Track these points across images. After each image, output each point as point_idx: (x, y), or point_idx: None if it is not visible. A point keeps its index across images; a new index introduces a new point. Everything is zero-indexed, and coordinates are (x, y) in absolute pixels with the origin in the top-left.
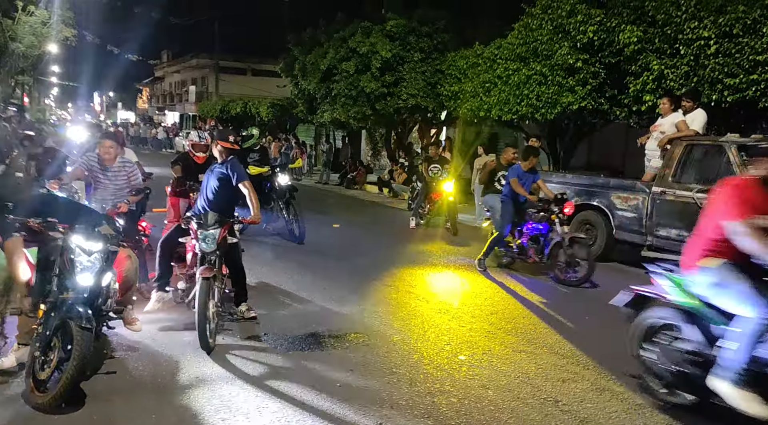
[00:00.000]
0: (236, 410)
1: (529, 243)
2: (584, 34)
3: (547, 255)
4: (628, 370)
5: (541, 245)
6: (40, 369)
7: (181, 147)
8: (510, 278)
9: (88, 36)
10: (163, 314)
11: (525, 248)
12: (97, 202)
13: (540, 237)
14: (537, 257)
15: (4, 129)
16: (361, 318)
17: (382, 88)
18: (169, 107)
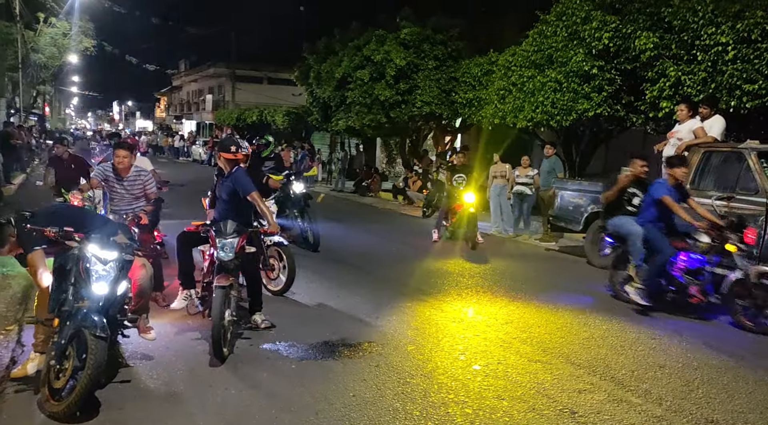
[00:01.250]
0: (250, 419)
1: (687, 279)
2: (599, 41)
3: (722, 295)
4: (646, 381)
5: (706, 280)
6: (55, 378)
7: (198, 155)
8: (525, 288)
9: (108, 46)
10: (178, 322)
11: (683, 284)
12: (114, 213)
13: (704, 271)
14: (702, 296)
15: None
16: (375, 326)
17: (397, 96)
18: (186, 116)
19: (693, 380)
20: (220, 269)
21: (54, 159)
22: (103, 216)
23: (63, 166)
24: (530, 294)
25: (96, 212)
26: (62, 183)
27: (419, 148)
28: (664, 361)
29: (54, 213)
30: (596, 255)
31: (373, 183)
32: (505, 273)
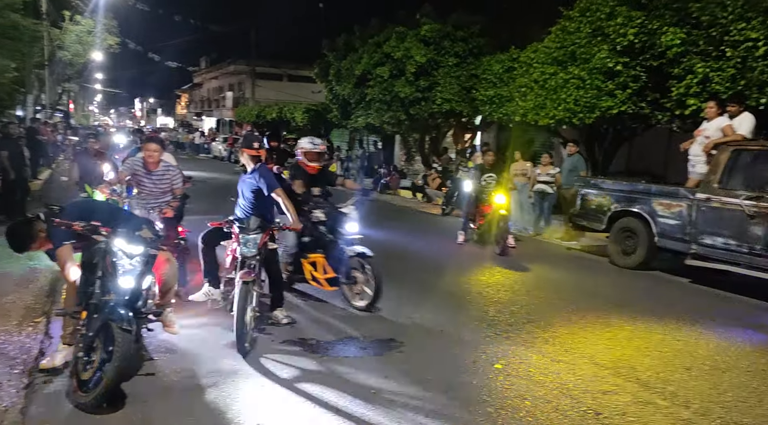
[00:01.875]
0: (272, 415)
1: None
2: (624, 37)
3: None
4: (672, 383)
5: None
6: (83, 370)
7: (218, 152)
8: (546, 286)
9: (131, 44)
10: (201, 317)
11: None
12: (142, 207)
13: None
14: None
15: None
16: (396, 324)
17: (417, 93)
18: (206, 113)
19: (721, 383)
20: (242, 265)
21: (79, 154)
22: (128, 211)
23: (88, 161)
24: (551, 294)
25: (121, 207)
26: (86, 178)
27: (439, 146)
28: (691, 363)
29: (81, 208)
30: (620, 255)
31: (392, 180)
32: (528, 273)
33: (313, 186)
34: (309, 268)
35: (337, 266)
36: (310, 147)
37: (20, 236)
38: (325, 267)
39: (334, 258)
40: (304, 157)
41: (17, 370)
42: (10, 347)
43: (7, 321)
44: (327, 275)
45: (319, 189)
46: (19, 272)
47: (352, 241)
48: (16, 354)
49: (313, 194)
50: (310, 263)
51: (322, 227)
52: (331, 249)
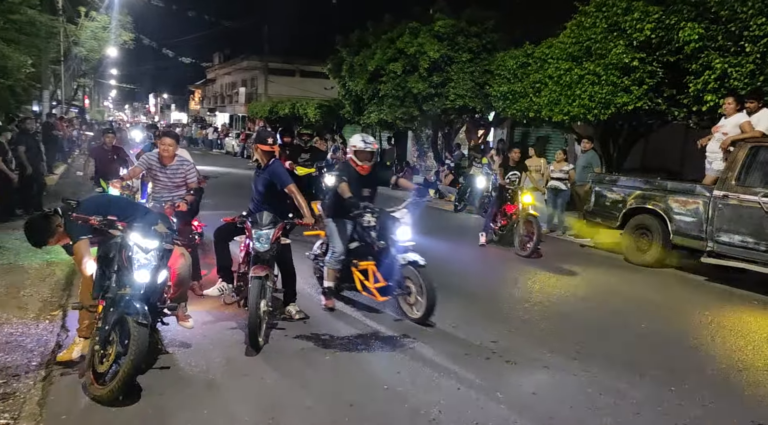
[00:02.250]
0: (285, 409)
1: None
2: (641, 32)
3: None
4: (688, 382)
5: None
6: (99, 362)
7: (230, 147)
8: (569, 286)
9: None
10: (214, 311)
11: None
12: (156, 200)
13: None
14: None
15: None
16: (408, 320)
17: (430, 89)
18: (219, 108)
19: (738, 382)
20: (255, 260)
21: (95, 149)
22: (143, 205)
23: (104, 156)
24: (564, 290)
25: (136, 202)
26: (102, 172)
27: (451, 142)
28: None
29: (98, 203)
30: (634, 252)
31: (405, 176)
32: (544, 269)
33: (363, 187)
34: (359, 277)
35: (388, 274)
36: (362, 146)
37: (39, 231)
38: (377, 276)
39: (385, 266)
40: (355, 156)
41: (35, 362)
42: (27, 339)
43: (24, 314)
44: (378, 284)
45: (369, 190)
46: (36, 265)
47: (404, 248)
48: (33, 347)
49: (364, 195)
50: (360, 271)
51: (372, 232)
52: (382, 257)
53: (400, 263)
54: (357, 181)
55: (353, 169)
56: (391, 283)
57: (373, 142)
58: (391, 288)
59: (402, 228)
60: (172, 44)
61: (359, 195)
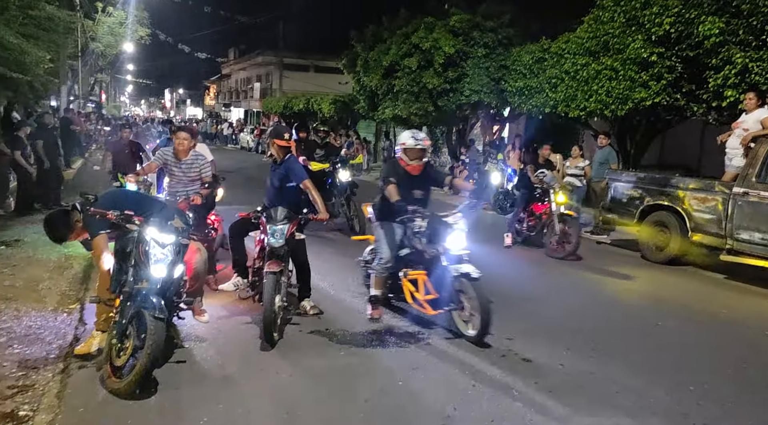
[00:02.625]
0: (300, 403)
1: None
2: (660, 27)
3: None
4: (707, 382)
5: None
6: (116, 356)
7: (245, 142)
8: (584, 283)
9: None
10: (230, 306)
11: None
12: (171, 195)
13: None
14: None
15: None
16: (422, 315)
17: (445, 84)
18: (234, 104)
19: (759, 382)
20: (270, 255)
21: (113, 143)
22: (160, 200)
23: (121, 150)
24: (579, 287)
25: (153, 196)
26: (119, 167)
27: (466, 138)
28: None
29: (115, 198)
30: (652, 249)
31: None
32: (563, 267)
33: (414, 189)
34: (409, 287)
35: (440, 286)
36: (412, 143)
37: (59, 227)
38: (427, 286)
39: (436, 277)
40: (405, 154)
41: (53, 355)
42: (46, 332)
43: (43, 308)
44: (429, 296)
45: (421, 192)
46: (54, 259)
47: (457, 258)
48: (51, 340)
49: (415, 197)
50: (410, 281)
51: (422, 239)
52: (433, 266)
53: (452, 274)
54: (407, 182)
55: (402, 169)
56: (443, 296)
57: (424, 139)
58: (443, 301)
59: (455, 234)
60: (188, 40)
61: (410, 197)
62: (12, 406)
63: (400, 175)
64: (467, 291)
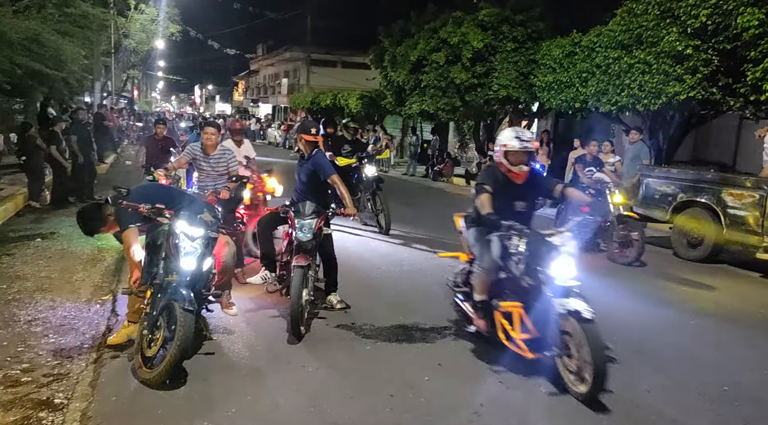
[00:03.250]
0: (326, 397)
1: None
2: (696, 19)
3: None
4: (744, 381)
5: None
6: (147, 347)
7: (273, 138)
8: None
9: (192, 31)
10: (258, 299)
11: None
12: (200, 189)
13: None
14: None
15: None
16: (449, 311)
17: (473, 79)
18: (262, 99)
19: None
20: (298, 249)
21: (146, 139)
22: (190, 195)
23: (154, 145)
24: (610, 284)
25: (183, 190)
26: (152, 161)
27: (494, 133)
28: None
29: (147, 191)
30: (685, 247)
31: (446, 168)
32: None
33: (515, 200)
34: (502, 322)
35: (541, 323)
36: (516, 145)
37: (91, 220)
38: (525, 322)
39: (537, 311)
40: (505, 158)
41: (87, 345)
42: (80, 323)
43: (77, 299)
44: (527, 335)
45: (524, 204)
46: (88, 251)
47: (564, 290)
48: (85, 330)
49: (516, 210)
50: (503, 314)
51: (519, 262)
52: (532, 297)
53: (557, 311)
54: (507, 192)
55: (502, 176)
56: (544, 336)
57: (531, 139)
58: (545, 342)
59: (562, 259)
60: (217, 36)
61: (508, 210)
62: (47, 394)
63: (499, 182)
64: (576, 334)
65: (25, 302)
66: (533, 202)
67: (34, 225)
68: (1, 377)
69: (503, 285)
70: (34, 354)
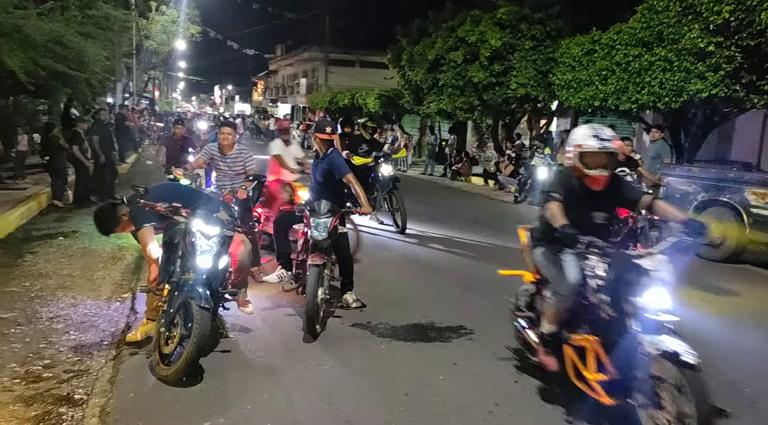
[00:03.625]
0: (341, 395)
1: None
2: (718, 15)
3: None
4: None
5: None
6: (164, 344)
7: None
8: None
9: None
10: (274, 298)
11: None
12: (218, 188)
13: None
14: None
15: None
16: (465, 311)
17: (491, 78)
18: (281, 99)
19: None
20: (313, 248)
21: (166, 138)
22: (207, 194)
23: (173, 145)
24: None
25: (199, 189)
26: (171, 161)
27: (512, 132)
28: None
29: (164, 190)
30: (706, 246)
31: (464, 167)
32: None
33: (594, 210)
34: (573, 357)
35: (623, 363)
36: (594, 144)
37: (106, 220)
38: (601, 361)
39: (619, 349)
40: (581, 160)
41: (106, 342)
42: (100, 320)
43: (97, 296)
44: (602, 376)
45: (603, 216)
46: (109, 250)
47: (655, 325)
48: (105, 327)
49: (595, 222)
50: (574, 348)
51: (600, 288)
52: (612, 331)
53: (647, 351)
54: (583, 201)
55: (577, 182)
56: (626, 379)
57: (612, 138)
58: (626, 386)
59: (654, 287)
60: (237, 36)
61: (584, 223)
62: (68, 389)
63: (573, 189)
64: (671, 381)
65: (48, 299)
66: (613, 213)
67: (56, 224)
68: (24, 373)
69: (576, 313)
70: (56, 351)
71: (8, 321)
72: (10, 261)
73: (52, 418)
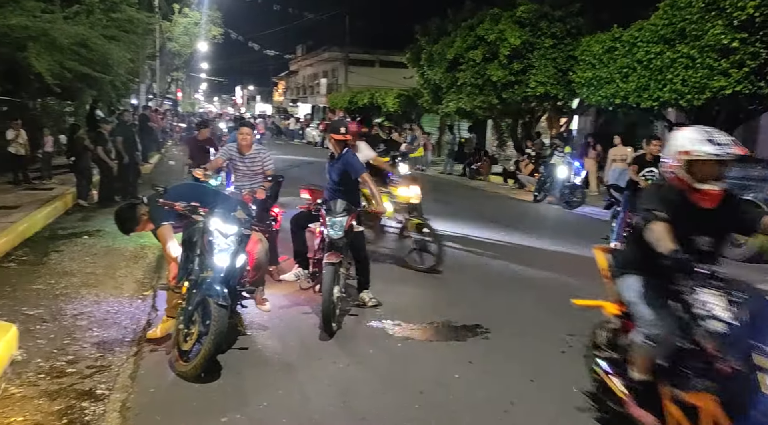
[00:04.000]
0: (356, 393)
1: None
2: (743, 11)
3: None
4: None
5: None
6: (183, 341)
7: (312, 137)
8: None
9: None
10: (291, 296)
11: None
12: (237, 188)
13: None
14: None
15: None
16: (482, 310)
17: (510, 77)
18: (301, 99)
19: None
20: (329, 247)
21: (189, 140)
22: (225, 193)
23: (195, 145)
24: None
25: (217, 189)
26: (195, 162)
27: (532, 131)
28: None
29: (183, 190)
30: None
31: (483, 166)
32: None
33: (701, 233)
34: (679, 419)
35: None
36: (710, 150)
37: (126, 219)
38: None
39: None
40: (689, 171)
41: (128, 338)
42: (122, 317)
43: (120, 294)
44: None
45: (709, 241)
46: (131, 248)
47: None
48: (127, 324)
49: (700, 248)
50: (679, 404)
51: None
52: (736, 388)
53: None
54: (687, 221)
55: (679, 197)
56: None
57: (731, 143)
58: None
59: None
60: (258, 37)
61: (687, 249)
62: (90, 385)
63: (677, 207)
64: None
65: (72, 297)
66: (724, 237)
67: (81, 223)
68: (48, 368)
69: (680, 361)
70: (79, 347)
71: (34, 317)
72: (37, 260)
73: (75, 412)
